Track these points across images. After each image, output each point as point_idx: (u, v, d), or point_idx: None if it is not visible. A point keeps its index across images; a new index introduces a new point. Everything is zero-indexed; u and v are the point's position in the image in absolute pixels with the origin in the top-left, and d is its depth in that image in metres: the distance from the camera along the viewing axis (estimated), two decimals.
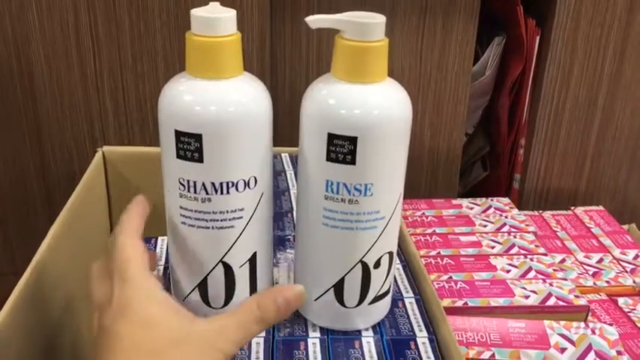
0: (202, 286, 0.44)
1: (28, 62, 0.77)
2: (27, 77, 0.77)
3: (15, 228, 0.85)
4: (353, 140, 0.40)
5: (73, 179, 0.79)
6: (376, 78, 0.41)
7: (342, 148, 0.40)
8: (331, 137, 0.40)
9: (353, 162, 0.41)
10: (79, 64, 0.77)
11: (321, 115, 0.41)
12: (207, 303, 0.45)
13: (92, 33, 0.76)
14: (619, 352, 0.55)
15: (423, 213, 0.77)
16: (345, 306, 0.46)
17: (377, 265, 0.44)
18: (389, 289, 0.47)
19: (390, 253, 0.45)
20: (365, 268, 0.44)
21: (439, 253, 0.69)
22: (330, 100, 0.41)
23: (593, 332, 0.57)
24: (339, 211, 0.42)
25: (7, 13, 0.74)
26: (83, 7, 0.74)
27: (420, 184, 0.87)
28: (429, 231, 0.73)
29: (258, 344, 0.45)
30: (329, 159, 0.41)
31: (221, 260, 0.43)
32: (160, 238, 0.59)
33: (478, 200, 0.80)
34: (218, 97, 0.40)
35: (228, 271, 0.44)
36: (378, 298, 0.46)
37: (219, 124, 0.39)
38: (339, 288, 0.45)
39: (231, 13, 0.40)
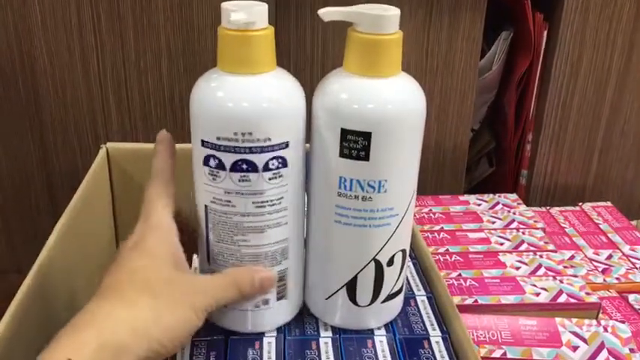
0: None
1: (31, 58, 0.76)
2: (29, 73, 0.77)
3: (18, 225, 0.85)
4: (367, 136, 0.39)
5: (77, 176, 0.78)
6: (390, 72, 0.40)
7: (356, 144, 0.40)
8: (344, 133, 0.40)
9: (367, 158, 0.40)
10: (81, 60, 0.76)
11: (334, 110, 0.40)
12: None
13: (95, 29, 0.75)
14: (632, 350, 0.54)
15: (430, 209, 0.76)
16: (357, 304, 0.45)
17: (390, 262, 0.44)
18: (402, 288, 0.46)
19: (403, 251, 0.45)
20: (378, 265, 0.43)
21: (447, 250, 0.68)
22: (343, 94, 0.40)
23: (606, 330, 0.56)
24: (352, 208, 0.42)
25: (10, 9, 0.73)
26: (86, 3, 0.73)
27: (427, 180, 0.86)
28: (437, 228, 0.73)
29: (269, 344, 0.45)
30: (342, 155, 0.40)
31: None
32: None
33: (485, 196, 0.79)
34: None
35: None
36: (391, 297, 0.45)
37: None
38: (351, 286, 0.44)
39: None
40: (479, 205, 0.78)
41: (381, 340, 0.45)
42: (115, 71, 0.77)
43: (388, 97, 0.39)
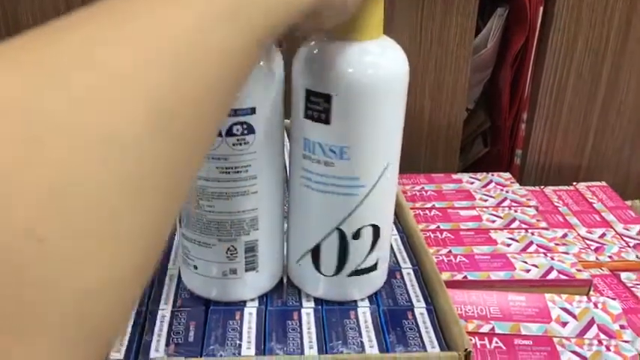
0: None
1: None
2: None
3: None
4: (327, 98, 0.38)
5: None
6: (368, 35, 0.39)
7: (317, 106, 0.39)
8: (308, 93, 0.39)
9: (327, 121, 0.39)
10: None
11: (300, 71, 0.40)
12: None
13: None
14: (622, 327, 0.54)
15: (423, 187, 0.76)
16: (322, 273, 0.44)
17: (357, 236, 0.43)
18: (375, 265, 0.45)
19: (375, 227, 0.43)
20: (342, 236, 0.43)
21: (438, 227, 0.67)
22: (311, 55, 0.39)
23: (596, 306, 0.55)
24: (315, 172, 0.41)
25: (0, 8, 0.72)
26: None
27: (420, 159, 0.85)
28: (429, 205, 0.72)
29: (250, 314, 0.44)
30: (306, 116, 0.40)
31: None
32: None
33: (479, 175, 0.78)
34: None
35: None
36: (359, 272, 0.44)
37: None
38: (315, 254, 0.44)
39: None
40: (472, 183, 0.77)
41: (364, 312, 0.44)
42: None
43: (352, 61, 0.38)
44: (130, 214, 0.20)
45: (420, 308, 0.45)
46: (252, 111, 0.39)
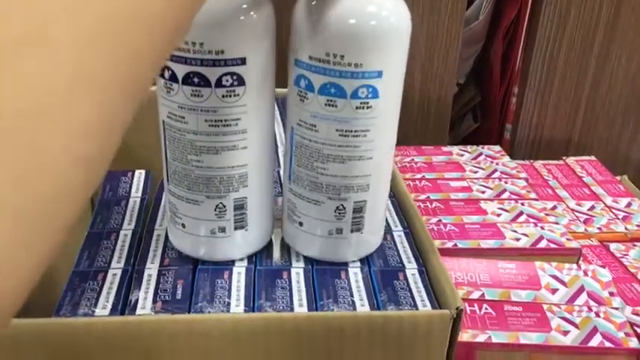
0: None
1: None
2: None
3: None
4: None
5: None
6: None
7: None
8: None
9: None
10: None
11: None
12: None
13: None
14: (611, 294, 0.54)
15: (412, 159, 0.75)
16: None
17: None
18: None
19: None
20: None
21: (428, 197, 0.67)
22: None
23: (586, 274, 0.55)
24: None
25: None
26: None
27: (410, 131, 0.84)
28: (419, 176, 0.71)
29: (239, 274, 0.43)
30: None
31: None
32: (137, 171, 0.56)
33: (469, 147, 0.78)
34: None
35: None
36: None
37: None
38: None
39: None
40: (461, 155, 0.76)
41: (355, 272, 0.44)
42: None
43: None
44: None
45: (411, 269, 0.44)
46: (243, 61, 0.38)
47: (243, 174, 0.41)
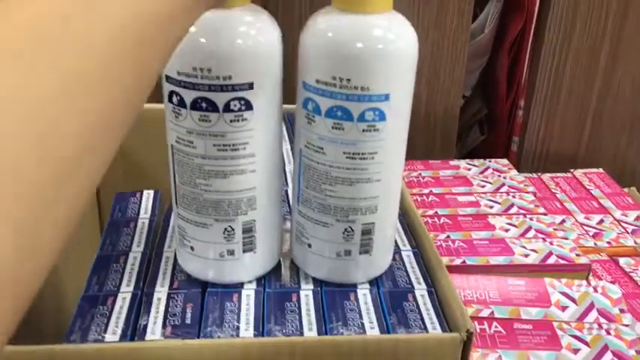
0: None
1: None
2: None
3: None
4: None
5: None
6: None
7: None
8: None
9: None
10: None
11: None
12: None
13: None
14: (622, 310, 0.53)
15: (420, 174, 0.75)
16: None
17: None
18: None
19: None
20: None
21: (436, 212, 0.67)
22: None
23: (596, 290, 0.55)
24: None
25: None
26: None
27: (417, 145, 0.84)
28: (426, 191, 0.71)
29: (248, 296, 0.43)
30: None
31: None
32: (145, 192, 0.56)
33: (476, 161, 0.78)
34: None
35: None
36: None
37: None
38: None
39: None
40: (469, 169, 0.76)
41: (364, 294, 0.44)
42: None
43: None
44: None
45: (420, 290, 0.44)
46: (250, 86, 0.38)
47: (251, 197, 0.41)
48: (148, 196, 0.56)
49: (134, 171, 0.66)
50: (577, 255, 0.59)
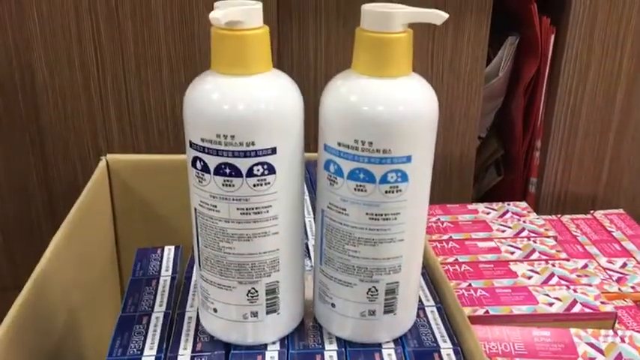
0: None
1: (30, 71, 0.75)
2: (29, 86, 0.75)
3: (18, 242, 0.83)
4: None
5: (77, 191, 0.77)
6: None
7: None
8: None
9: None
10: (81, 71, 0.75)
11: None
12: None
13: (95, 39, 0.74)
14: None
15: (438, 219, 0.75)
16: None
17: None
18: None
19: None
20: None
21: (457, 259, 0.66)
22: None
23: (623, 340, 0.54)
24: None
25: (8, 21, 0.72)
26: (85, 14, 0.72)
27: (433, 188, 0.84)
28: (445, 237, 0.71)
29: (272, 358, 0.43)
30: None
31: None
32: (166, 248, 0.56)
33: (494, 205, 0.77)
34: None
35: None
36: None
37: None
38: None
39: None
40: (488, 213, 0.76)
41: (389, 354, 0.43)
42: (116, 82, 0.76)
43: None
44: None
45: (446, 349, 0.43)
46: (273, 151, 0.38)
47: (274, 259, 0.41)
48: (169, 251, 0.56)
49: (154, 220, 0.67)
50: (602, 303, 0.59)
